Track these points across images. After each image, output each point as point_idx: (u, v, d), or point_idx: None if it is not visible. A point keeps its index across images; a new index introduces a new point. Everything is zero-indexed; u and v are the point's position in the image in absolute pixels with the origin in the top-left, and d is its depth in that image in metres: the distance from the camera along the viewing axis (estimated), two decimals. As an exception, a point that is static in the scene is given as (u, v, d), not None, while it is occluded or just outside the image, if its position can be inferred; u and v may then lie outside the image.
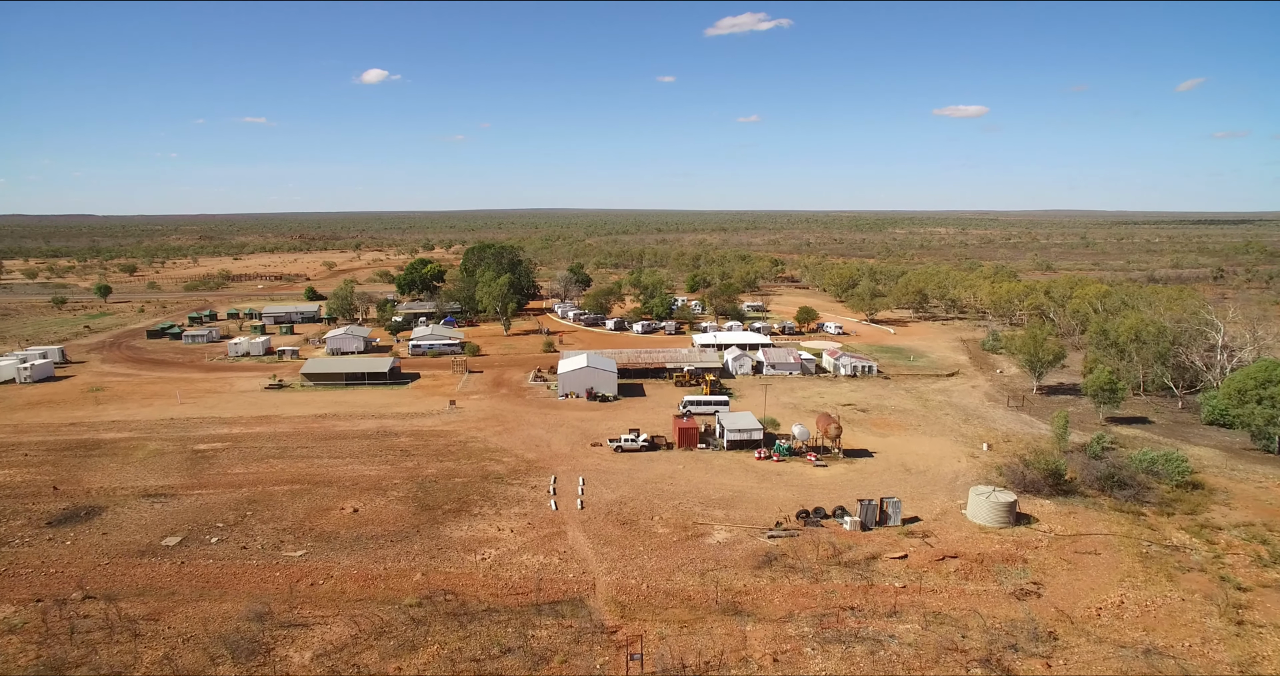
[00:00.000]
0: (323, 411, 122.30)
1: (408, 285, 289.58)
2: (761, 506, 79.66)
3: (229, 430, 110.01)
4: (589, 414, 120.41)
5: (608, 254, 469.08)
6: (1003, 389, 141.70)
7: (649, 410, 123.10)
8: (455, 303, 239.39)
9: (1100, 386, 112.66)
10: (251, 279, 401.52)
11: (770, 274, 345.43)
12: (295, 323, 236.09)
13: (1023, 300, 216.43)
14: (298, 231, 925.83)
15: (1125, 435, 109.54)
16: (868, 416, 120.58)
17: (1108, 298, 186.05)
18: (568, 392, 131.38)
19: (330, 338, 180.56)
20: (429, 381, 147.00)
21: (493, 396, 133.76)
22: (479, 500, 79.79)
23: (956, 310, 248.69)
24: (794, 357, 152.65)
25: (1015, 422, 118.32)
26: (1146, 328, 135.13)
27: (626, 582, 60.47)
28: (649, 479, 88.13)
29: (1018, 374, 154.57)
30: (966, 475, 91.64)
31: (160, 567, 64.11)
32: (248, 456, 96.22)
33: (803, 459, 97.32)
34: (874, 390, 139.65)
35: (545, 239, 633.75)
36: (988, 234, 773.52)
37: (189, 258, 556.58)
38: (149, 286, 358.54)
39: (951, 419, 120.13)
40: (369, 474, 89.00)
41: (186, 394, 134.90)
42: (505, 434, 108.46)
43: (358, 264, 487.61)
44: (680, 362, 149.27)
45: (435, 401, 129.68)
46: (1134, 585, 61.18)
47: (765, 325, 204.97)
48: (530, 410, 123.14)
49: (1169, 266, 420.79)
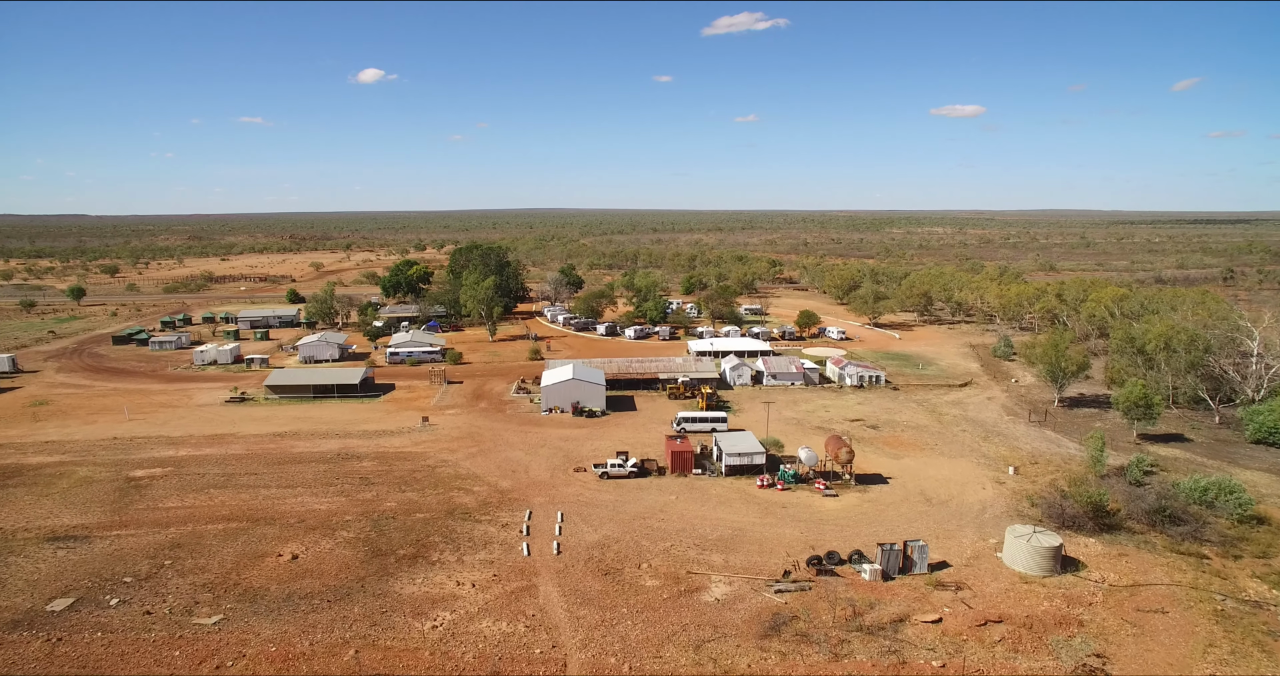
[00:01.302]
0: (283, 429, 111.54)
1: (393, 287, 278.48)
2: (766, 548, 69.21)
3: (174, 452, 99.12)
4: (573, 432, 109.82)
5: (601, 254, 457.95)
6: (1021, 401, 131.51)
7: (639, 427, 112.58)
8: (440, 306, 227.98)
9: (1134, 401, 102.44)
10: (235, 280, 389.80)
11: (768, 275, 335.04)
12: (272, 327, 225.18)
13: (1033, 303, 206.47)
14: (288, 231, 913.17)
15: (1163, 456, 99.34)
16: (879, 434, 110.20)
17: (1125, 301, 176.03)
18: (551, 407, 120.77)
19: (303, 345, 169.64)
20: (404, 393, 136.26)
21: (471, 411, 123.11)
22: (440, 542, 69.11)
23: (963, 313, 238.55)
24: (796, 367, 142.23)
25: (1039, 440, 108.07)
26: (1177, 335, 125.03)
27: (604, 661, 49.68)
28: (637, 513, 77.65)
29: (1035, 384, 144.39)
30: (995, 506, 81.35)
31: (27, 647, 52.14)
32: (187, 486, 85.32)
33: (810, 486, 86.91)
34: (883, 403, 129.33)
35: (539, 239, 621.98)
36: (986, 234, 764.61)
37: (175, 258, 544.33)
38: (128, 288, 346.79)
39: (970, 436, 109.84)
40: (319, 508, 78.29)
41: (138, 409, 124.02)
42: (480, 456, 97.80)
43: (347, 265, 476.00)
44: (674, 373, 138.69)
45: (408, 417, 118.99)
46: (1221, 658, 50.76)
47: (764, 330, 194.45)
48: (510, 427, 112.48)
49: (1174, 267, 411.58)
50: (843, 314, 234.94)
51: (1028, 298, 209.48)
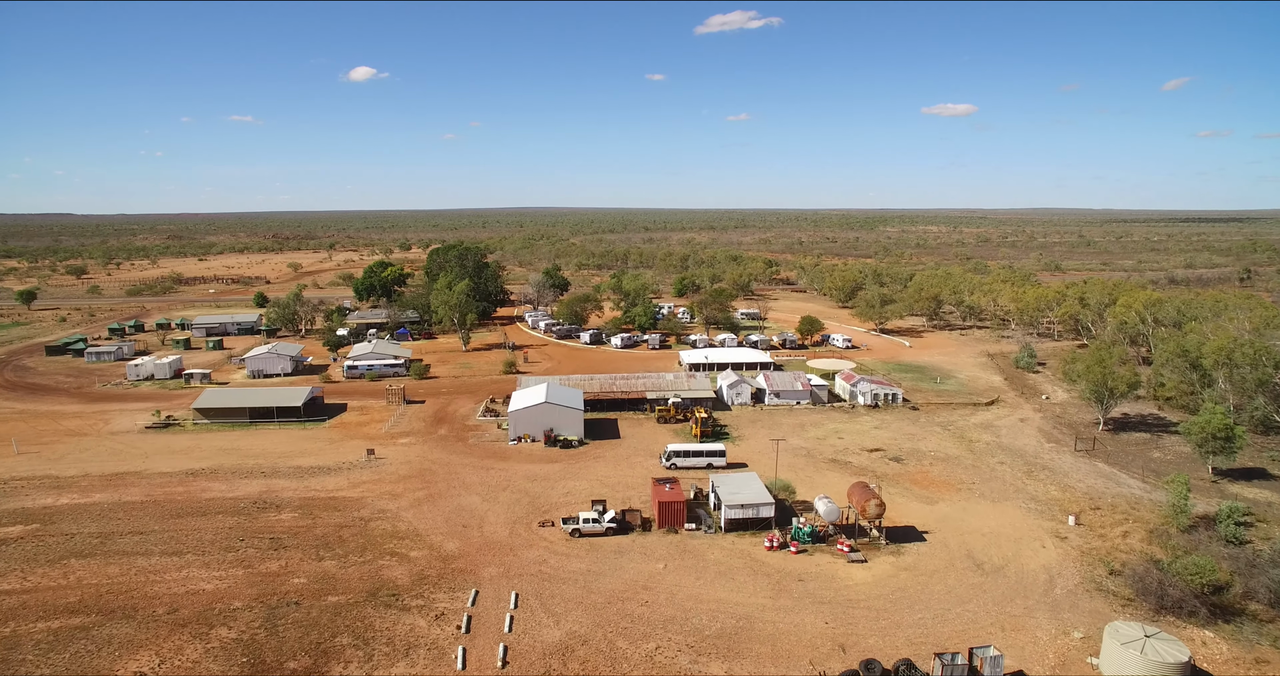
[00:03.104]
0: (201, 465, 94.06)
1: (366, 290, 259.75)
2: (781, 649, 52.50)
3: (53, 501, 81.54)
4: (544, 468, 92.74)
5: (590, 254, 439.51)
6: (1059, 423, 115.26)
7: (622, 460, 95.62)
8: (413, 311, 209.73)
9: (1211, 432, 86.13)
10: (207, 282, 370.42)
11: (764, 276, 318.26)
12: (231, 334, 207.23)
13: (1054, 308, 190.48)
14: (272, 230, 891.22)
15: (1248, 498, 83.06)
16: (905, 469, 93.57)
17: (1159, 306, 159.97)
18: (520, 435, 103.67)
19: (250, 358, 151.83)
20: (355, 416, 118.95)
21: (428, 439, 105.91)
22: (348, 648, 52.03)
23: (974, 318, 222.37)
24: (802, 384, 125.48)
25: (1093, 475, 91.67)
26: (1240, 348, 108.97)
27: None
28: (615, 592, 60.76)
29: (1070, 400, 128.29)
30: (1065, 576, 64.84)
31: None
32: (44, 553, 67.79)
33: (831, 547, 70.25)
34: (903, 427, 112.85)
35: (526, 238, 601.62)
36: (983, 232, 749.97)
37: (149, 259, 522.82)
38: (89, 291, 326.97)
39: (1010, 470, 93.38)
40: (204, 588, 61.05)
41: (38, 438, 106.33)
42: (427, 504, 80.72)
43: (327, 265, 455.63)
44: (664, 392, 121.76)
45: (353, 447, 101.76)
46: None
47: (763, 338, 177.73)
48: (469, 462, 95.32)
49: (1182, 266, 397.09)
50: (846, 318, 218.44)
51: (1047, 302, 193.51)
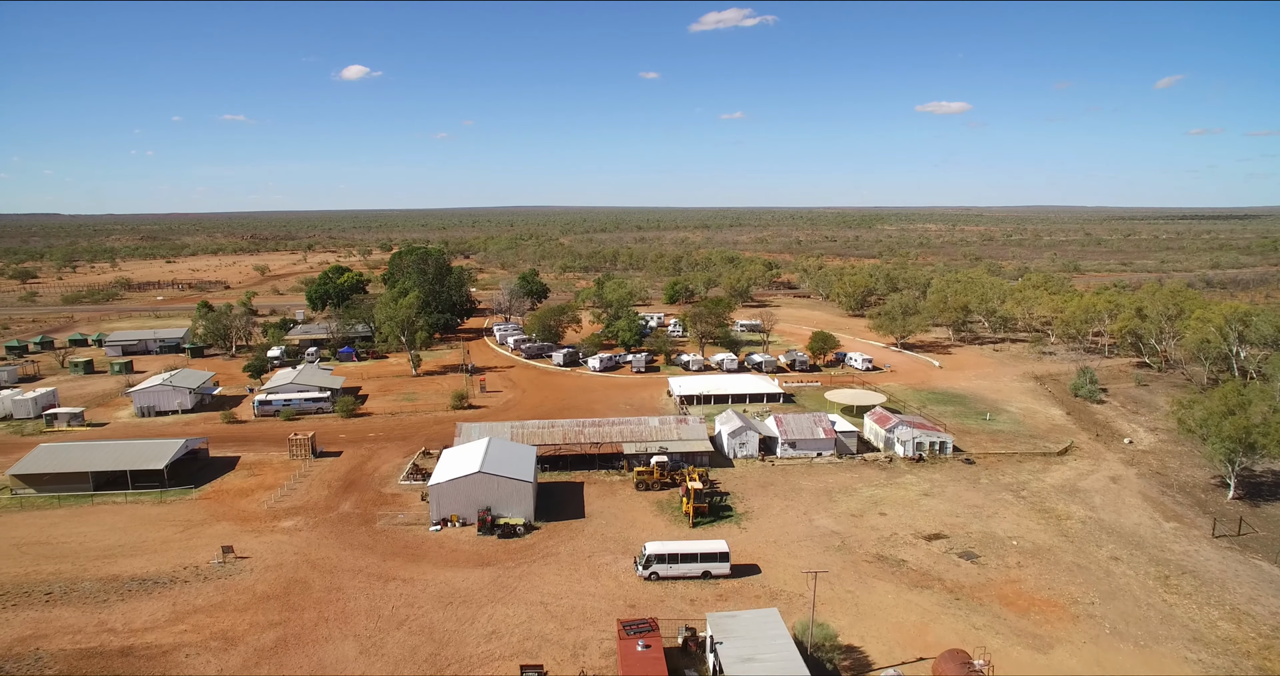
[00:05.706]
0: (-18, 571, 65.61)
1: (319, 299, 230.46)
2: None
3: None
4: (467, 579, 64.36)
5: (578, 255, 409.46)
6: (1164, 484, 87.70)
7: (582, 562, 67.38)
8: (363, 325, 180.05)
9: None
10: (161, 287, 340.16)
11: (764, 280, 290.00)
12: (152, 352, 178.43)
13: (1106, 320, 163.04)
14: (250, 230, 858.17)
15: None
16: (984, 575, 65.57)
17: (1249, 321, 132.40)
18: (445, 517, 75.34)
19: (139, 392, 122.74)
20: (240, 479, 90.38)
21: (322, 520, 77.47)
22: None
23: (1005, 328, 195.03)
24: (824, 430, 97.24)
25: (1259, 582, 63.96)
26: None
27: None
28: None
29: (1158, 445, 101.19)
30: None
31: None
32: None
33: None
34: (961, 492, 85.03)
35: (512, 238, 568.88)
36: (985, 230, 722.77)
37: (111, 262, 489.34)
38: (22, 299, 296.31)
39: (1135, 576, 65.57)
40: None
41: None
42: (270, 661, 52.43)
43: (300, 267, 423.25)
44: (645, 443, 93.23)
45: (215, 535, 73.36)
46: None
47: (767, 358, 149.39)
48: (365, 567, 66.92)
49: (1209, 266, 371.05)
50: (859, 330, 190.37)
51: (1096, 313, 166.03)
